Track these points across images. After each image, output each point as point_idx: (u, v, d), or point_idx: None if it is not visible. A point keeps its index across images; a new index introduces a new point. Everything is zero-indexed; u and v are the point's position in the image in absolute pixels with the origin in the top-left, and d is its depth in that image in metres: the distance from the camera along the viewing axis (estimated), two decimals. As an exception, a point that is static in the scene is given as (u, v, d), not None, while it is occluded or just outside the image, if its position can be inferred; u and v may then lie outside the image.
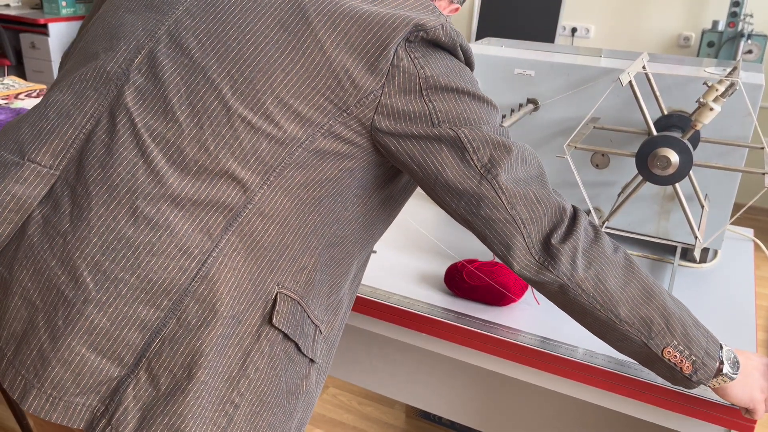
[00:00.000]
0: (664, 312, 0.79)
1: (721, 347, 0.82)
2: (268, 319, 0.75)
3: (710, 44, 3.38)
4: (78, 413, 0.72)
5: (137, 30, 0.81)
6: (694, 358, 0.79)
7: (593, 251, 0.79)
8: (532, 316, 1.09)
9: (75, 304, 0.72)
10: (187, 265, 0.72)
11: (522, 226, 0.77)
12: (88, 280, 0.72)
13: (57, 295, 0.73)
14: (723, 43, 3.34)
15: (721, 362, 0.81)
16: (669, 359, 0.79)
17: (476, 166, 0.77)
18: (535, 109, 1.32)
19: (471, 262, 1.13)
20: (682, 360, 0.79)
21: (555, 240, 0.77)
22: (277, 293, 0.76)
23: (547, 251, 0.78)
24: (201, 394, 0.70)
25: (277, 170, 0.75)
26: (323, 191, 0.78)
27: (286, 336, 0.76)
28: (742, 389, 0.82)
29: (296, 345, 0.78)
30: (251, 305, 0.74)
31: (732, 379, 0.81)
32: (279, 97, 0.74)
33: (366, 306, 1.14)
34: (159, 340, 0.71)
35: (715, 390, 0.83)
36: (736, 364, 0.82)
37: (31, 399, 0.72)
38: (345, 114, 0.75)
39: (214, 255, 0.73)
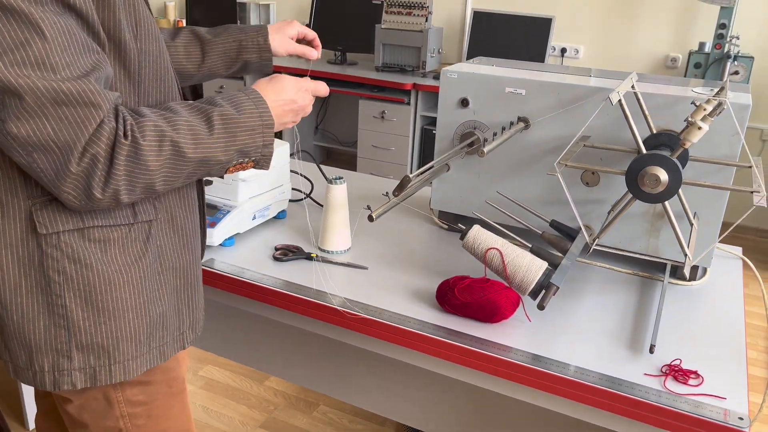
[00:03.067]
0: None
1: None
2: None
3: (697, 65, 3.43)
4: None
5: None
6: (253, 157, 0.93)
7: (132, 178, 0.82)
8: (524, 333, 1.09)
9: None
10: None
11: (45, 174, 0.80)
12: None
13: None
14: (710, 64, 3.39)
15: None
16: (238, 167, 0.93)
17: None
18: (526, 127, 1.34)
19: (462, 278, 1.13)
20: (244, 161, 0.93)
21: (96, 190, 0.80)
22: None
23: (90, 199, 0.82)
24: None
25: None
26: None
27: None
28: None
29: None
30: None
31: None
32: None
33: (357, 322, 1.13)
34: None
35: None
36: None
37: None
38: None
39: None
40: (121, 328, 0.93)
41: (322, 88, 1.08)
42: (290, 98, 1.00)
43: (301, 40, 1.32)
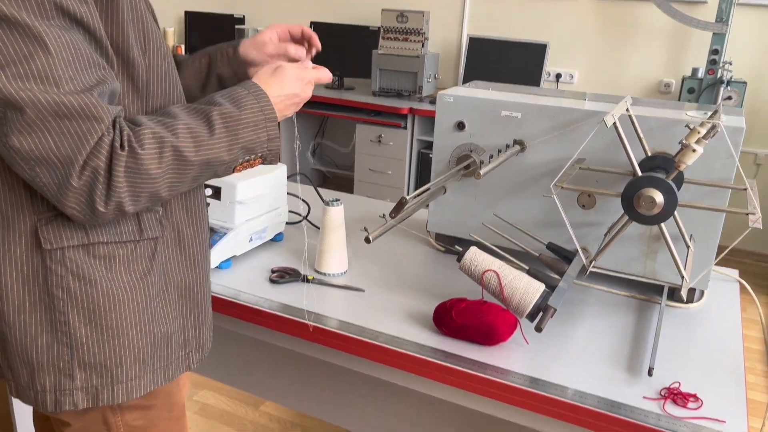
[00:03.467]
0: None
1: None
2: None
3: (690, 90, 3.47)
4: None
5: None
6: (259, 153, 0.91)
7: (135, 187, 0.82)
8: (522, 356, 1.08)
9: None
10: None
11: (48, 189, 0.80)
12: None
13: None
14: (703, 89, 3.43)
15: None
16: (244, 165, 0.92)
17: None
18: (522, 150, 1.34)
19: (460, 300, 1.13)
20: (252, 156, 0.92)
21: (99, 204, 0.80)
22: None
23: (94, 213, 0.81)
24: None
25: None
26: None
27: None
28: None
29: None
30: None
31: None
32: None
33: (353, 345, 1.12)
34: None
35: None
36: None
37: None
38: None
39: None
40: (124, 346, 0.92)
41: (325, 76, 1.04)
42: (293, 92, 0.97)
43: (299, 41, 1.17)
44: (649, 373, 1.04)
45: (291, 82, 0.97)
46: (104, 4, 0.82)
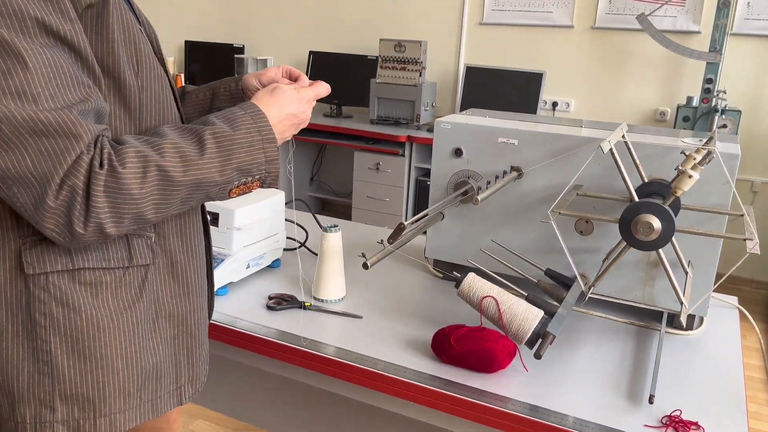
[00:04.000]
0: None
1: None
2: None
3: (685, 119, 3.50)
4: None
5: None
6: (256, 175, 0.89)
7: (115, 199, 0.79)
8: (521, 383, 1.07)
9: None
10: None
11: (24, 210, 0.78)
12: None
13: None
14: (698, 117, 3.46)
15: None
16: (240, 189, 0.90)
17: None
18: (519, 176, 1.35)
19: (458, 327, 1.12)
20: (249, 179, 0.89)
21: (77, 225, 0.77)
22: None
23: (74, 235, 0.79)
24: None
25: None
26: None
27: None
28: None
29: None
30: None
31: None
32: None
33: (351, 372, 1.11)
34: None
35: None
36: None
37: None
38: None
39: None
40: (108, 378, 0.88)
41: (323, 90, 1.02)
42: (292, 113, 0.95)
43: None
44: (650, 401, 1.03)
45: (290, 102, 0.95)
46: (93, 24, 0.81)
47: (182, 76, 4.99)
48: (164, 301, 0.95)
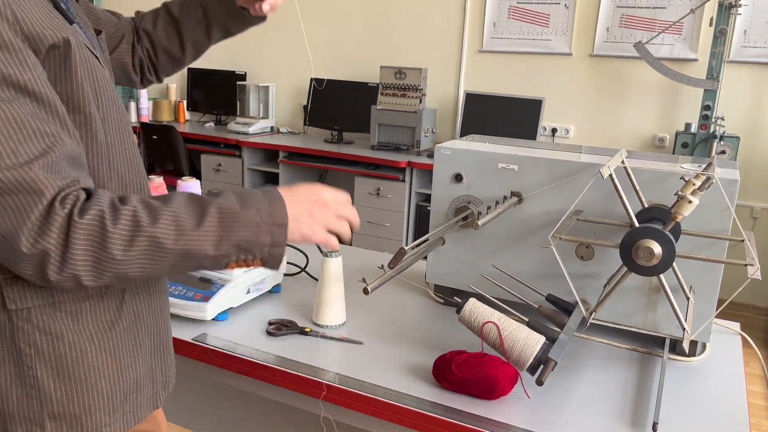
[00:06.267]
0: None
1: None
2: None
3: (684, 145, 3.53)
4: None
5: None
6: (258, 255, 0.86)
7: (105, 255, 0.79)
8: (523, 410, 1.06)
9: None
10: None
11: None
12: None
13: None
14: (696, 144, 3.48)
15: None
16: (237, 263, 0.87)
17: None
18: (519, 201, 1.35)
19: (459, 353, 1.11)
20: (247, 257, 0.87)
21: (51, 274, 0.77)
22: None
23: (48, 282, 0.78)
24: None
25: None
26: None
27: None
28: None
29: None
30: None
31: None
32: None
33: (352, 399, 1.10)
34: None
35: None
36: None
37: None
38: None
39: None
40: (94, 397, 0.91)
41: (355, 221, 0.97)
42: (322, 198, 0.92)
43: None
44: (654, 429, 1.02)
45: (324, 190, 0.93)
46: (60, 63, 0.82)
47: (184, 102, 5.04)
48: (143, 318, 0.98)
